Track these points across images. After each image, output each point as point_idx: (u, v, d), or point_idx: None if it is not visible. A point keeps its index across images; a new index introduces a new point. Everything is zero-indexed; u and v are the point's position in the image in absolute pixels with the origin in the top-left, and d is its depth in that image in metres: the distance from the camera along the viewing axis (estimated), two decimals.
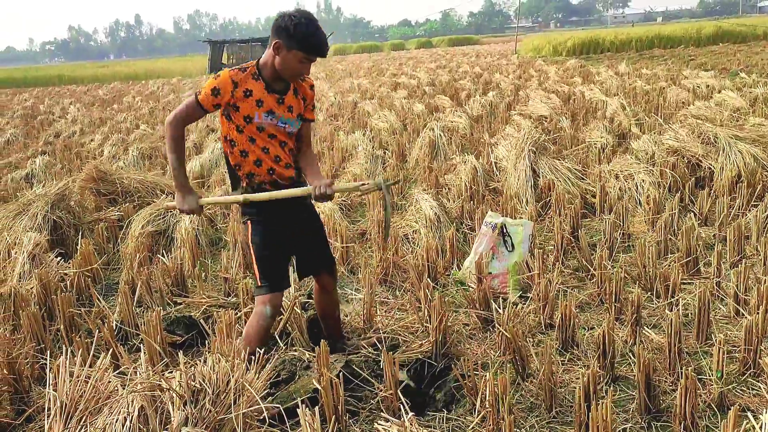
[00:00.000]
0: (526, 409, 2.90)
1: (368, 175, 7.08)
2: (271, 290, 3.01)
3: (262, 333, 2.99)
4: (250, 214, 3.06)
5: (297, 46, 2.81)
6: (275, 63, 2.89)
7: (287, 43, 2.82)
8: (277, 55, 2.87)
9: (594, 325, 3.64)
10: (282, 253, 3.12)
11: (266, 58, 2.94)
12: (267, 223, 3.04)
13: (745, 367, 3.03)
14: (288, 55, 2.84)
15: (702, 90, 11.56)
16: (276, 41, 2.84)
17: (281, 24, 2.83)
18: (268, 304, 2.99)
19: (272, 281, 3.02)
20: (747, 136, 6.36)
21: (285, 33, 2.81)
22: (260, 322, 2.97)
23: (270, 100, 2.96)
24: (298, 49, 2.82)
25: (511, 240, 4.19)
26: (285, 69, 2.89)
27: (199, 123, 12.29)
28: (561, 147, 7.65)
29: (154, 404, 2.38)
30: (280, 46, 2.84)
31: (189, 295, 4.33)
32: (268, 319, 2.99)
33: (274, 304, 3.01)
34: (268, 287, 3.00)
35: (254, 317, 3.00)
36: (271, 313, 2.99)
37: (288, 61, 2.85)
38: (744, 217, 4.86)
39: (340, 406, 2.64)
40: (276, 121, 2.98)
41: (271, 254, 3.05)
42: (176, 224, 5.37)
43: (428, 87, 16.22)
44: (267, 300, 2.99)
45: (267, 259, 3.03)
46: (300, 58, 2.85)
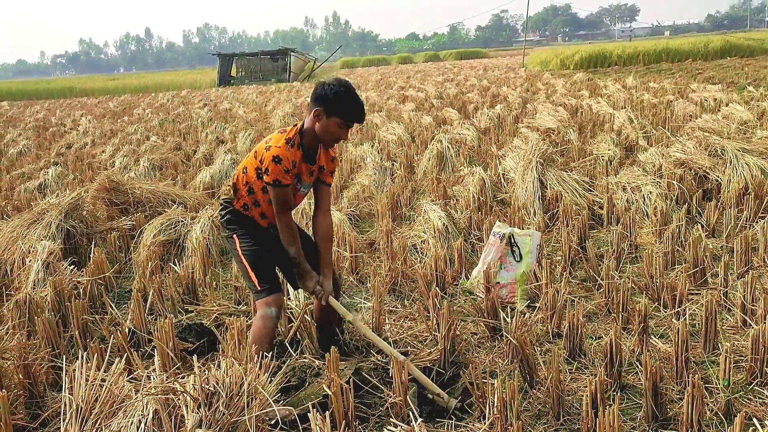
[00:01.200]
0: (534, 417, 2.93)
1: (376, 187, 7.13)
2: (271, 292, 3.12)
3: (270, 334, 3.07)
4: (233, 229, 3.23)
5: (336, 113, 3.01)
6: (316, 129, 3.08)
7: (327, 111, 3.02)
8: (317, 122, 3.06)
9: (601, 335, 3.66)
10: (272, 260, 3.26)
11: (308, 124, 3.11)
12: (251, 235, 3.20)
13: (752, 376, 3.05)
14: (329, 122, 3.04)
15: (709, 103, 11.59)
16: (317, 109, 3.03)
17: (321, 93, 3.03)
18: (273, 305, 3.08)
19: (271, 283, 3.15)
20: (754, 149, 6.39)
21: (325, 101, 3.01)
22: (267, 324, 3.05)
23: (304, 169, 3.16)
24: (337, 116, 3.02)
25: (519, 250, 4.23)
26: (325, 134, 3.08)
27: (209, 135, 12.41)
28: (568, 159, 7.69)
29: (168, 407, 2.42)
30: (320, 114, 3.03)
31: (200, 303, 4.39)
32: (274, 319, 3.08)
33: (278, 305, 3.12)
34: (268, 289, 3.12)
35: (259, 320, 3.08)
36: (276, 314, 3.09)
37: (329, 127, 3.05)
38: (751, 228, 4.88)
39: (350, 412, 2.68)
40: (301, 187, 3.21)
41: (263, 259, 3.19)
42: (187, 234, 5.44)
43: (436, 100, 16.32)
44: (271, 301, 3.09)
45: (262, 265, 3.17)
46: (339, 123, 3.04)
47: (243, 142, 10.81)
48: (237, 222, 3.24)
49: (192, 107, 20.57)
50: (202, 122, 15.29)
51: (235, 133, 12.41)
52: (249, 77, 37.36)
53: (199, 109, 19.34)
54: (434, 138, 8.70)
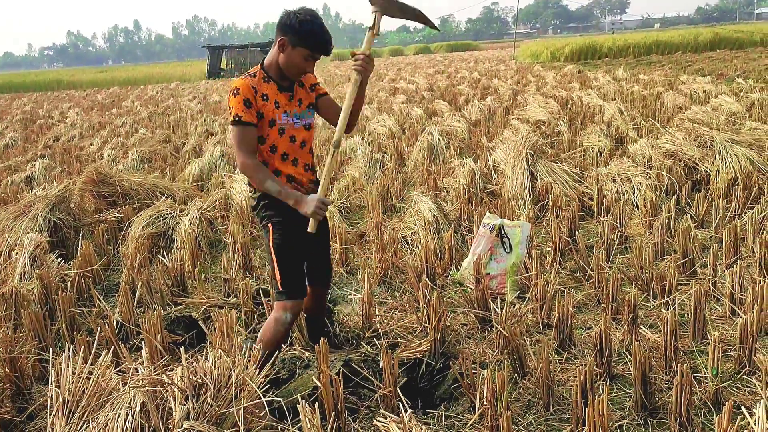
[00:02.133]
0: (524, 407, 2.93)
1: (367, 179, 7.11)
2: (291, 296, 2.96)
3: (280, 338, 2.98)
4: (269, 217, 2.98)
5: (302, 43, 2.81)
6: (279, 60, 2.88)
7: (292, 41, 2.81)
8: (282, 52, 2.86)
9: (591, 325, 3.67)
10: (301, 259, 3.08)
11: (271, 57, 2.91)
12: (287, 226, 2.97)
13: (740, 365, 3.06)
14: (293, 53, 2.83)
15: (699, 95, 11.62)
16: (281, 38, 2.84)
17: (286, 21, 2.82)
18: (289, 311, 2.95)
19: (293, 287, 2.98)
20: (743, 140, 6.41)
21: (290, 30, 2.81)
22: (278, 328, 2.95)
23: (283, 100, 2.94)
24: (303, 47, 2.82)
25: (509, 241, 4.23)
26: (289, 66, 2.88)
27: (198, 127, 12.34)
28: (559, 151, 7.69)
29: (156, 399, 2.40)
30: (285, 44, 2.83)
31: (189, 296, 4.36)
32: (287, 324, 2.96)
33: (295, 311, 2.98)
34: (288, 293, 2.96)
35: (273, 322, 2.97)
36: (290, 320, 2.96)
37: (293, 58, 2.84)
38: (740, 219, 4.90)
39: (340, 404, 2.67)
40: (291, 119, 2.96)
41: (292, 259, 3.00)
42: (176, 226, 5.40)
43: (427, 92, 16.29)
44: (288, 307, 2.95)
45: (289, 265, 2.98)
46: (305, 55, 2.84)
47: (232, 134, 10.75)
48: (271, 207, 2.96)
49: (181, 99, 20.45)
50: (192, 114, 15.21)
51: (224, 125, 12.34)
52: (239, 69, 37.16)
53: (188, 102, 19.23)
54: (425, 130, 8.68)
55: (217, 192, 6.49)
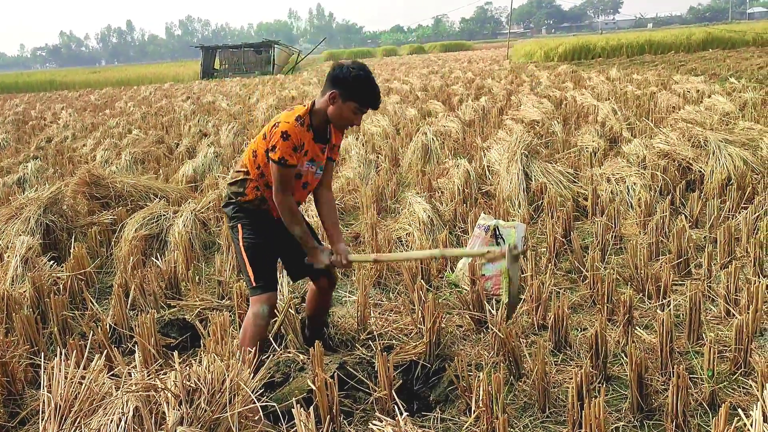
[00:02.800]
0: (520, 409, 2.92)
1: (361, 179, 7.09)
2: (266, 290, 3.03)
3: (259, 332, 3.01)
4: (239, 218, 3.11)
5: (354, 97, 2.91)
6: (329, 112, 2.96)
7: (344, 95, 2.90)
8: (332, 104, 2.94)
9: (587, 326, 3.66)
10: (272, 254, 3.17)
11: (320, 105, 2.98)
12: (257, 226, 3.09)
13: (736, 366, 3.06)
14: (344, 106, 2.92)
15: (692, 95, 11.65)
16: (332, 92, 2.91)
17: (339, 75, 2.91)
18: (265, 303, 3.01)
19: (266, 281, 3.06)
20: (737, 140, 6.42)
21: (343, 84, 2.90)
22: (258, 322, 2.99)
23: (315, 150, 3.04)
24: (354, 101, 2.92)
25: (504, 242, 4.21)
26: (338, 119, 2.98)
27: (192, 128, 12.29)
28: (553, 151, 7.70)
29: (149, 404, 2.38)
30: (336, 97, 2.91)
31: (183, 298, 4.33)
32: (266, 317, 3.02)
33: (271, 304, 3.04)
34: (262, 287, 3.03)
35: (251, 318, 3.02)
36: (268, 313, 3.02)
37: (343, 111, 2.94)
38: (734, 219, 4.91)
39: (335, 407, 2.65)
40: (315, 168, 3.09)
41: (263, 255, 3.09)
42: (170, 228, 5.37)
43: (421, 92, 16.28)
44: (264, 299, 3.01)
45: (260, 260, 3.07)
46: (354, 109, 2.94)
47: (226, 135, 10.72)
48: (242, 210, 3.11)
49: (175, 100, 20.38)
50: (185, 115, 15.15)
51: (218, 126, 12.30)
52: (232, 70, 37.10)
53: (182, 102, 19.16)
54: (419, 130, 8.67)
55: (211, 193, 6.45)
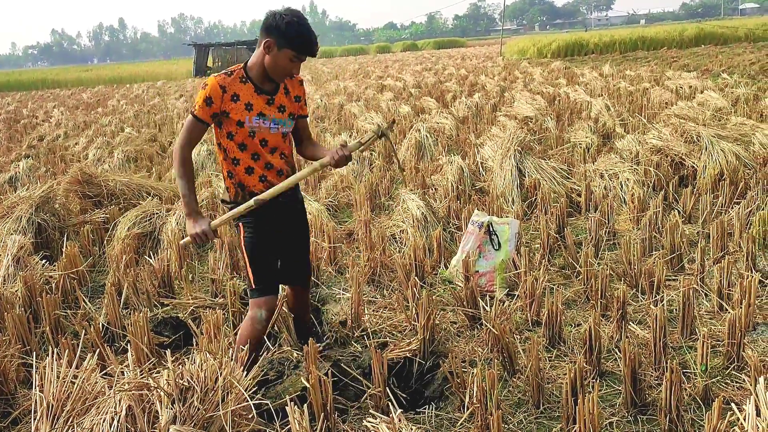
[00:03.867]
0: (514, 405, 2.92)
1: (355, 176, 7.09)
2: (265, 293, 2.97)
3: (257, 336, 2.96)
4: (240, 218, 2.98)
5: (288, 44, 2.77)
6: (265, 62, 2.83)
7: (278, 42, 2.77)
8: (267, 54, 2.81)
9: (580, 322, 3.66)
10: (274, 256, 3.08)
11: (255, 58, 2.87)
12: (260, 226, 2.98)
13: (729, 361, 3.06)
14: (279, 54, 2.79)
15: (685, 90, 11.69)
16: (266, 40, 2.79)
17: (272, 23, 2.78)
18: (263, 307, 2.95)
19: (266, 284, 2.99)
20: (729, 135, 6.44)
21: (276, 31, 2.76)
22: (255, 326, 2.94)
23: (260, 102, 2.89)
24: (289, 48, 2.77)
25: (497, 238, 4.22)
26: (275, 68, 2.83)
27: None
28: (546, 147, 7.70)
29: (142, 403, 2.37)
30: (270, 45, 2.78)
31: (176, 297, 4.32)
32: (263, 322, 2.96)
33: (269, 308, 2.98)
34: (262, 290, 2.96)
35: (248, 321, 2.97)
36: (265, 317, 2.96)
37: (279, 59, 2.80)
38: (726, 214, 4.92)
39: (329, 404, 2.64)
40: (268, 123, 2.91)
41: (265, 257, 3.01)
42: (163, 226, 5.35)
43: (414, 89, 16.26)
44: (262, 303, 2.95)
45: (260, 263, 2.99)
46: (291, 56, 2.80)
47: None
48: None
49: (168, 98, 20.31)
50: (178, 113, 15.10)
51: None
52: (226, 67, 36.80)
53: (174, 100, 19.09)
54: (412, 127, 8.66)
55: (204, 191, 6.44)
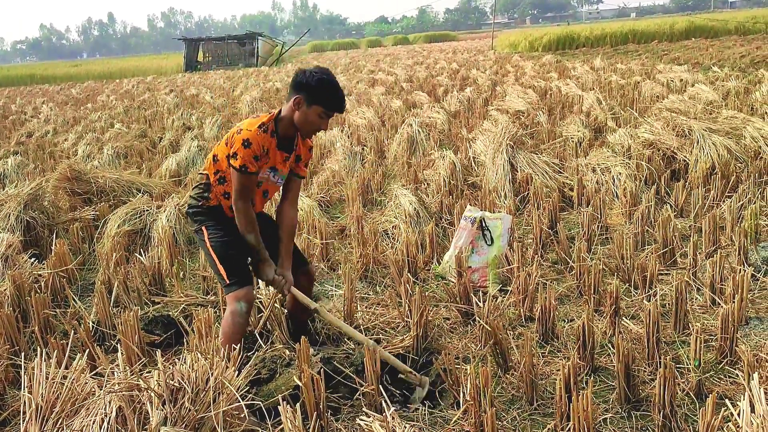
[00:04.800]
0: (508, 402, 2.91)
1: (347, 172, 7.05)
2: (241, 285, 3.00)
3: (240, 330, 2.98)
4: (201, 221, 3.10)
5: (318, 101, 2.90)
6: (294, 118, 2.96)
7: (308, 99, 2.90)
8: (297, 110, 2.94)
9: (574, 317, 3.66)
10: (242, 251, 3.13)
11: (286, 112, 2.99)
12: (222, 225, 3.08)
13: (722, 356, 3.06)
14: (309, 111, 2.92)
15: (676, 84, 11.70)
16: (296, 96, 2.91)
17: (302, 80, 2.91)
18: (242, 299, 2.98)
19: (240, 277, 3.03)
20: (720, 129, 6.45)
21: (306, 88, 2.90)
22: (236, 320, 2.96)
23: (278, 158, 3.05)
24: (318, 105, 2.91)
25: (490, 234, 4.20)
26: (305, 124, 2.97)
27: (175, 121, 12.18)
28: (538, 141, 7.69)
29: (133, 404, 2.34)
30: (300, 102, 2.91)
31: (167, 294, 4.28)
32: (244, 314, 2.98)
33: (248, 299, 3.01)
34: (237, 282, 3.00)
35: (229, 316, 2.98)
36: (246, 309, 2.99)
37: (309, 116, 2.93)
38: (718, 208, 4.92)
39: (322, 403, 2.62)
40: (277, 178, 3.10)
41: (233, 252, 3.06)
42: (153, 223, 5.31)
43: (406, 83, 16.23)
44: (241, 296, 2.98)
45: (230, 258, 3.04)
46: (320, 112, 2.93)
47: (210, 128, 10.63)
48: (205, 214, 3.10)
49: (158, 93, 20.19)
50: (168, 108, 15.01)
51: (202, 119, 12.20)
52: (216, 62, 36.81)
53: (165, 95, 18.98)
54: (404, 122, 8.63)
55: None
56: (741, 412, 2.08)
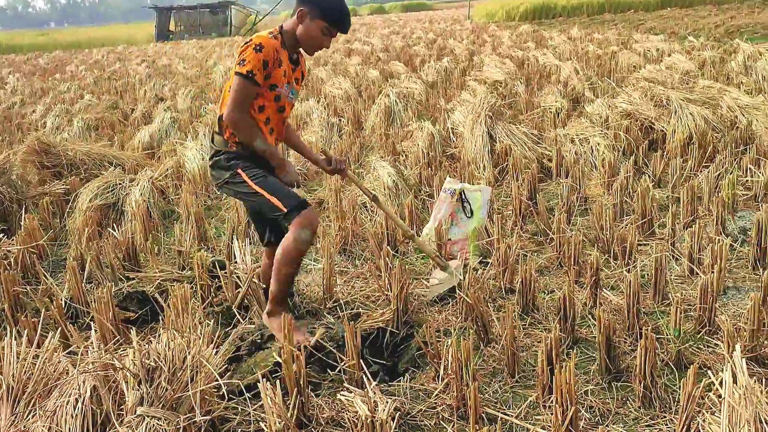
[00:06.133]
0: (489, 375, 2.89)
1: (324, 143, 6.95)
2: (300, 208, 2.86)
3: (301, 255, 2.94)
4: (235, 165, 2.91)
5: (321, 15, 2.79)
6: (297, 32, 2.85)
7: (311, 13, 2.79)
8: (300, 23, 2.83)
9: (554, 289, 3.65)
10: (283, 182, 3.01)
11: (289, 25, 2.87)
12: (255, 164, 2.93)
13: (701, 325, 3.08)
14: (311, 25, 2.81)
15: (652, 54, 11.70)
16: (301, 9, 2.81)
17: None
18: (307, 226, 2.83)
19: (296, 200, 2.88)
20: (697, 99, 6.46)
21: (311, 2, 2.79)
22: (300, 247, 2.86)
23: (289, 71, 2.93)
24: (322, 19, 2.80)
25: (470, 206, 4.17)
26: (307, 39, 2.85)
27: (147, 92, 11.91)
28: (516, 112, 7.65)
29: (108, 384, 2.28)
30: (304, 15, 2.80)
31: (141, 270, 4.19)
32: (308, 243, 2.89)
33: (312, 223, 2.86)
34: (296, 207, 2.85)
35: (292, 243, 2.84)
36: (310, 237, 2.88)
37: (311, 30, 2.82)
38: (696, 178, 4.94)
39: (302, 379, 2.58)
40: (289, 92, 2.97)
41: (277, 182, 2.94)
42: (126, 197, 5.19)
43: (382, 53, 16.04)
44: (304, 222, 2.83)
45: (278, 187, 2.91)
46: (323, 28, 2.82)
47: (183, 99, 10.40)
48: (237, 155, 2.91)
49: (129, 63, 19.72)
50: (140, 79, 14.67)
51: (175, 90, 11.94)
52: (188, 32, 36.06)
53: (136, 66, 18.55)
54: (381, 92, 8.53)
55: (169, 160, 6.26)
56: (723, 382, 2.08)
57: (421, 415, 2.64)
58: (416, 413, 2.66)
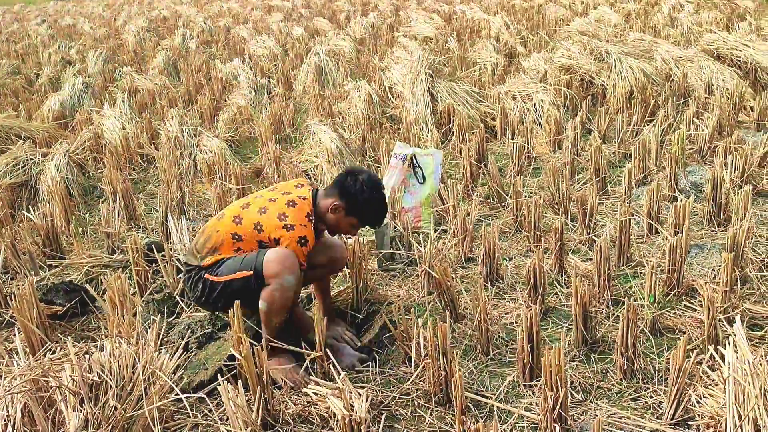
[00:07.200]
0: (462, 354, 2.72)
1: (254, 107, 6.54)
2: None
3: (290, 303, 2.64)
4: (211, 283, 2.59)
5: (359, 218, 2.70)
6: (327, 218, 2.68)
7: (349, 210, 2.65)
8: (332, 214, 2.65)
9: (515, 255, 3.51)
10: None
11: (321, 210, 2.67)
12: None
13: (669, 288, 3.01)
14: (344, 219, 2.68)
15: (578, 6, 11.69)
16: (338, 204, 2.63)
17: (350, 189, 2.63)
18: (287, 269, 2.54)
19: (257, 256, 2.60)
20: (633, 51, 6.42)
21: (351, 200, 2.64)
22: (287, 294, 2.56)
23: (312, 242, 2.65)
24: (357, 218, 2.70)
25: (422, 171, 3.95)
26: (335, 228, 2.73)
27: (52, 55, 10.99)
28: (453, 69, 7.44)
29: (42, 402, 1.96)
30: (339, 209, 2.64)
31: (66, 256, 3.78)
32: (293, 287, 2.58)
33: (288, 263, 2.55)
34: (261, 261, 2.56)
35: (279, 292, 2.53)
36: (296, 279, 2.58)
37: (342, 223, 2.70)
38: (642, 133, 4.89)
39: (264, 375, 2.32)
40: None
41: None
42: (40, 174, 4.69)
43: (304, 9, 15.41)
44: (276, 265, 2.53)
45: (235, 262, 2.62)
46: (355, 224, 2.72)
47: (94, 62, 9.61)
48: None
49: (28, 24, 18.21)
50: (43, 41, 13.53)
51: (83, 52, 11.05)
52: None
53: (36, 26, 17.13)
54: (310, 51, 8.13)
55: (85, 131, 5.72)
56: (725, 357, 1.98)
57: (395, 404, 2.45)
58: (390, 402, 2.46)
